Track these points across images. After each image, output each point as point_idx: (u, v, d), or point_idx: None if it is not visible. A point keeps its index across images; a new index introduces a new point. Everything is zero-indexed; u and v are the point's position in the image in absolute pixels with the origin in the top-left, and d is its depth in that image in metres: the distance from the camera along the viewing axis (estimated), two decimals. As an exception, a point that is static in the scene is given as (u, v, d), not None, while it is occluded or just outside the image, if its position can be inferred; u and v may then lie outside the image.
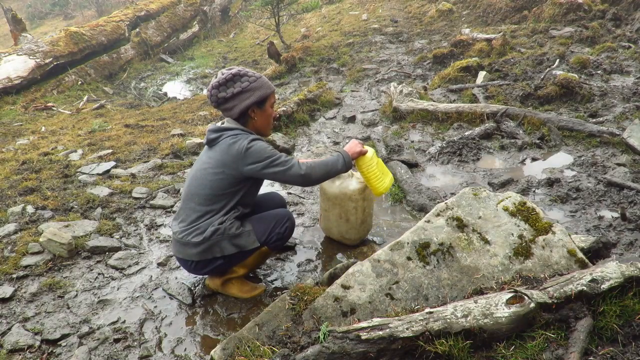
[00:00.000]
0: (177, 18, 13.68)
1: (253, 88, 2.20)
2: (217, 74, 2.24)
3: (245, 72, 2.22)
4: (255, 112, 2.25)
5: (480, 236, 2.11)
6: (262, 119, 2.29)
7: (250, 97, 2.20)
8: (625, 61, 6.12)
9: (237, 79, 2.19)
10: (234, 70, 2.20)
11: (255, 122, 2.28)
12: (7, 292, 2.51)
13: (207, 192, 2.19)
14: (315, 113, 5.78)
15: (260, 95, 2.22)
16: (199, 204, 2.21)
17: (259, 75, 2.26)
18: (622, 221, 2.87)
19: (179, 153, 4.65)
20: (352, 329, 1.64)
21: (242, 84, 2.18)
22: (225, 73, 2.20)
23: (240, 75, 2.20)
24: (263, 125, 2.31)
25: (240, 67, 2.24)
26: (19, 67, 8.95)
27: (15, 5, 18.42)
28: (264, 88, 2.24)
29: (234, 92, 2.18)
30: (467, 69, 6.30)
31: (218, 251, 2.23)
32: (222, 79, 2.18)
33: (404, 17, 11.64)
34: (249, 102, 2.20)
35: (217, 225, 2.18)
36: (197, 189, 2.22)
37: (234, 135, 2.19)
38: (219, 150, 2.19)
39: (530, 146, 4.20)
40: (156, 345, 2.18)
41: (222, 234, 2.19)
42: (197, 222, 2.21)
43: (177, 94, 9.65)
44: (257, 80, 2.22)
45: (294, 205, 3.53)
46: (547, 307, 1.72)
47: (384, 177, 2.50)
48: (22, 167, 4.50)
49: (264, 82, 2.25)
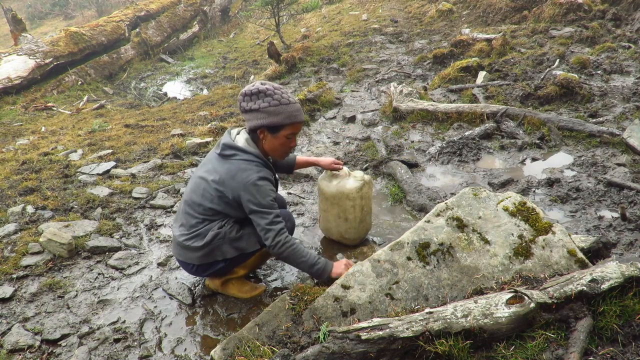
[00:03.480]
0: (177, 18, 13.69)
1: (269, 112, 2.09)
2: (255, 82, 2.15)
3: (272, 92, 2.10)
4: (265, 135, 2.17)
5: (480, 236, 2.11)
6: (271, 144, 2.20)
7: (262, 119, 2.10)
8: (625, 61, 6.12)
9: (261, 96, 2.09)
10: (262, 87, 2.09)
11: (264, 144, 2.21)
12: (7, 292, 2.52)
13: (208, 206, 2.17)
14: (315, 113, 5.78)
15: (273, 121, 2.11)
16: (199, 213, 2.20)
17: (288, 101, 2.12)
18: (622, 221, 2.87)
19: (179, 153, 4.65)
20: (352, 329, 1.64)
21: (261, 103, 2.09)
22: (255, 85, 2.11)
23: (265, 94, 2.09)
24: (272, 149, 2.23)
25: (272, 86, 2.12)
26: (19, 67, 8.96)
27: (15, 5, 18.43)
28: (282, 116, 2.11)
29: (252, 107, 2.10)
30: (467, 69, 6.30)
31: (219, 254, 2.23)
32: (250, 91, 2.10)
33: (404, 17, 11.64)
34: (259, 123, 2.11)
35: (217, 229, 2.18)
36: (200, 199, 2.19)
37: (247, 162, 2.13)
38: (227, 170, 2.13)
39: (530, 146, 4.20)
40: (156, 345, 2.18)
41: (223, 238, 2.19)
42: (197, 227, 2.21)
43: (177, 94, 9.65)
44: (279, 106, 2.09)
45: (294, 206, 3.53)
46: (547, 307, 1.72)
47: None
48: (22, 167, 4.51)
49: (287, 110, 2.11)
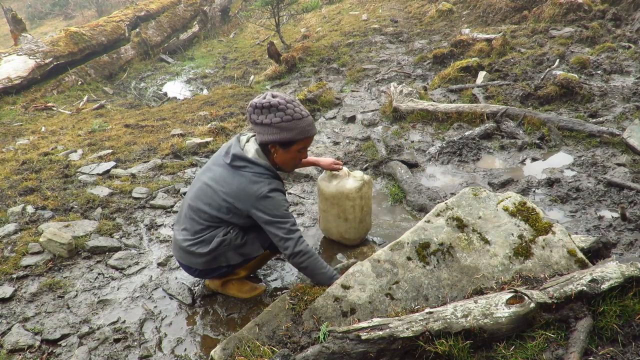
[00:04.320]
0: (177, 18, 13.68)
1: (282, 127, 2.03)
2: (265, 94, 2.08)
3: (285, 107, 2.03)
4: (277, 149, 2.13)
5: (480, 236, 2.11)
6: (283, 158, 2.17)
7: (274, 134, 2.05)
8: (625, 61, 6.12)
9: (273, 111, 2.02)
10: (274, 100, 2.02)
11: (275, 158, 2.18)
12: (7, 292, 2.52)
13: (215, 214, 2.15)
14: (315, 113, 5.78)
15: (285, 137, 2.06)
16: (205, 220, 2.18)
17: (301, 116, 2.06)
18: (622, 221, 2.87)
19: (179, 153, 4.65)
20: (352, 329, 1.64)
21: (274, 118, 2.02)
22: (267, 98, 2.04)
23: (278, 109, 2.02)
24: (283, 163, 2.21)
25: (285, 99, 2.05)
26: (19, 67, 8.96)
27: (15, 5, 18.42)
28: (295, 132, 2.06)
29: (263, 121, 2.04)
30: (467, 69, 6.30)
31: (224, 261, 2.24)
32: (261, 104, 2.03)
33: (404, 17, 11.64)
34: (271, 138, 2.06)
35: (223, 236, 2.17)
36: (206, 207, 2.16)
37: (258, 174, 2.09)
38: (238, 183, 2.09)
39: (530, 146, 4.20)
40: (156, 345, 2.18)
41: (228, 245, 2.19)
42: (201, 233, 2.19)
43: (177, 94, 9.64)
44: (291, 121, 2.03)
45: (294, 206, 3.53)
46: (547, 307, 1.72)
47: None
48: (22, 167, 4.50)
49: (299, 126, 2.06)
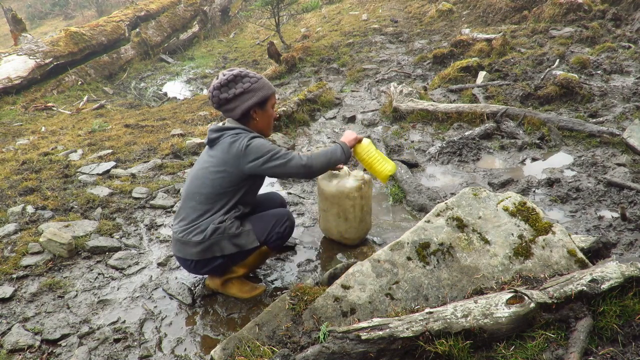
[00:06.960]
0: (177, 18, 13.67)
1: (254, 89, 2.22)
2: (218, 75, 2.25)
3: (247, 73, 2.23)
4: (257, 113, 2.27)
5: (480, 236, 2.11)
6: (264, 120, 2.31)
7: (251, 97, 2.22)
8: (625, 61, 6.12)
9: (238, 80, 2.20)
10: (235, 72, 2.21)
11: (257, 123, 2.31)
12: (7, 292, 2.52)
13: (208, 191, 2.21)
14: (315, 113, 5.78)
15: (261, 96, 2.24)
16: (200, 202, 2.22)
17: (260, 76, 2.28)
18: (622, 221, 2.87)
19: (179, 153, 4.65)
20: (352, 329, 1.64)
21: (243, 85, 2.20)
22: (226, 74, 2.21)
23: (242, 77, 2.21)
24: (264, 125, 2.34)
25: (241, 68, 2.25)
26: (19, 67, 8.95)
27: (15, 5, 18.41)
28: (265, 89, 2.26)
29: (235, 93, 2.20)
30: (467, 69, 6.30)
31: (218, 250, 2.23)
32: (224, 80, 2.19)
33: (404, 17, 11.64)
34: (250, 102, 2.22)
35: (218, 224, 2.19)
36: (198, 187, 2.23)
37: (234, 134, 2.21)
38: (220, 150, 2.21)
39: (530, 146, 4.20)
40: (156, 345, 2.18)
41: (222, 233, 2.20)
42: (197, 220, 2.22)
43: (177, 94, 9.63)
44: (258, 81, 2.23)
45: (294, 205, 3.53)
46: (547, 307, 1.72)
47: (386, 162, 2.54)
48: (22, 167, 4.50)
49: (264, 83, 2.27)
